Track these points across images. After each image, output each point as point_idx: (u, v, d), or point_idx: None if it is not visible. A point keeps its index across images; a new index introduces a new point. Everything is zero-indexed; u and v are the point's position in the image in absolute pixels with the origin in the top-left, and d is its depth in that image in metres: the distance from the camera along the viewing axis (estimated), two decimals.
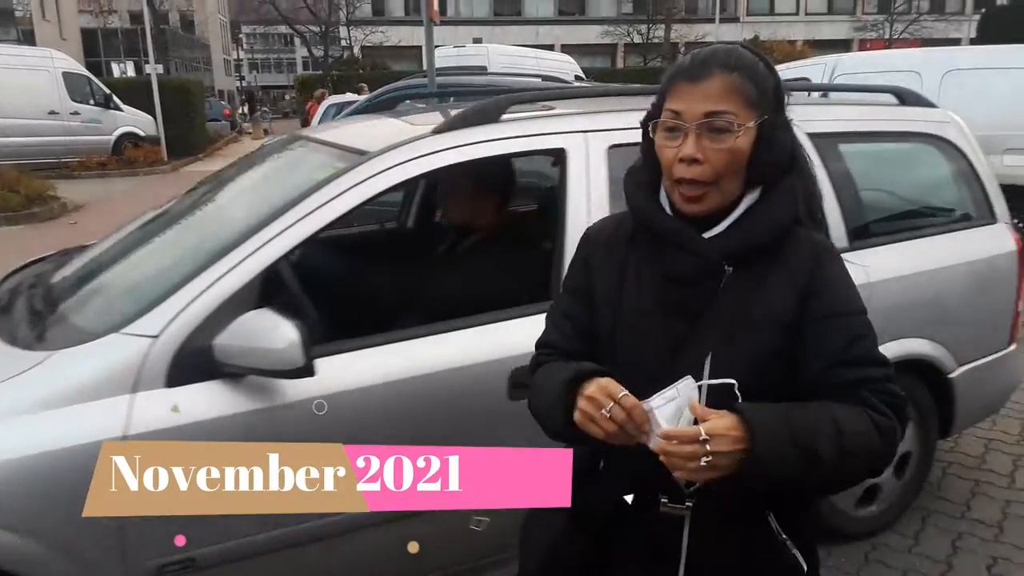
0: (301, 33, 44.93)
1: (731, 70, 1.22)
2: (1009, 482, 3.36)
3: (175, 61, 45.68)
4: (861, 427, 1.16)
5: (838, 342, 1.21)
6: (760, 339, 1.22)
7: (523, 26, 39.88)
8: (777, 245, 1.25)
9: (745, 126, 1.21)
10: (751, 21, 41.40)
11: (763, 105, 1.23)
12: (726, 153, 1.21)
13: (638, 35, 39.03)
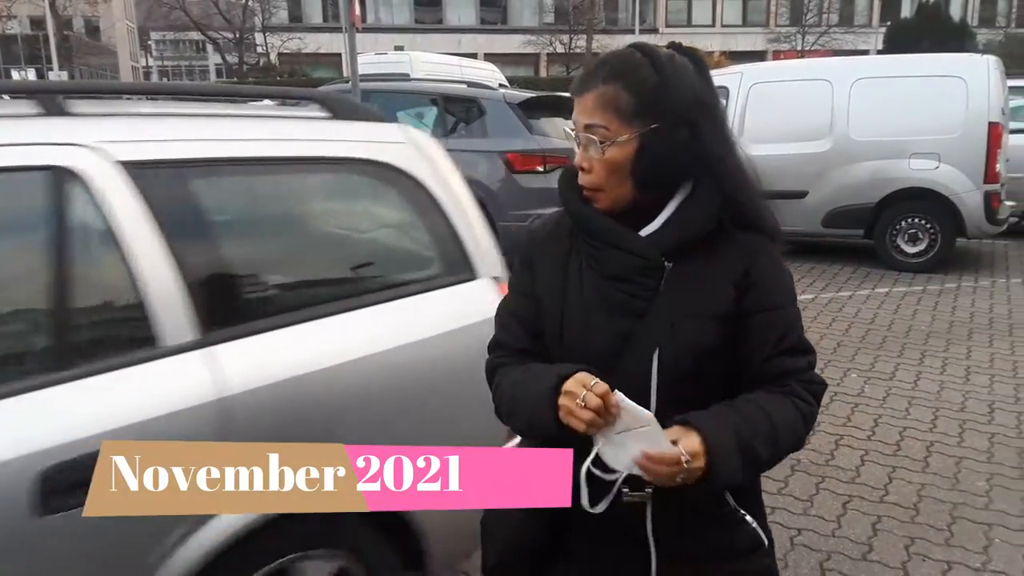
0: (214, 40, 43.68)
1: (609, 81, 1.22)
2: (923, 466, 3.48)
3: (80, 68, 43.78)
4: (790, 419, 1.23)
5: (771, 335, 1.25)
6: (703, 331, 1.24)
7: (445, 34, 39.78)
8: (710, 239, 1.26)
9: (616, 140, 1.21)
10: (669, 32, 42.34)
11: (645, 114, 1.21)
12: (602, 163, 1.23)
13: (560, 45, 39.48)
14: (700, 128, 1.22)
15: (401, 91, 8.05)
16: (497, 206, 6.84)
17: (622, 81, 1.21)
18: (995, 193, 7.33)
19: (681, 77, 1.23)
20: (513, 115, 6.98)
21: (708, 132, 1.23)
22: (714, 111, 1.26)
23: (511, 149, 6.82)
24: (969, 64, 7.44)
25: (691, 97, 1.22)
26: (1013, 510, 3.15)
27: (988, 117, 7.16)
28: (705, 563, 1.30)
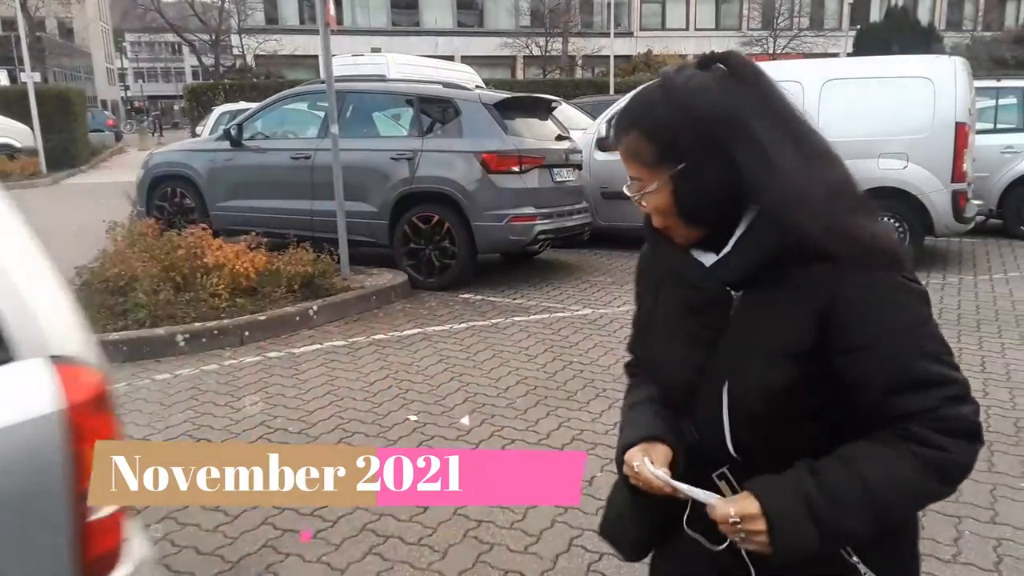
0: (190, 41, 43.28)
1: (630, 130, 1.18)
2: None
3: (53, 70, 43.17)
4: (901, 474, 1.08)
5: (873, 376, 1.10)
6: (771, 370, 1.13)
7: (422, 37, 39.71)
8: (773, 268, 1.14)
9: (647, 189, 1.18)
10: (644, 36, 42.65)
11: (669, 156, 1.15)
12: (654, 208, 1.20)
13: (536, 47, 39.57)
14: (734, 152, 1.11)
15: (377, 92, 8.03)
16: (473, 206, 6.85)
17: (639, 128, 1.17)
18: (962, 192, 7.46)
19: (696, 104, 1.13)
20: (489, 116, 7.00)
21: (744, 154, 1.11)
22: (748, 129, 1.11)
23: (487, 149, 6.84)
24: (936, 65, 7.56)
25: (712, 122, 1.12)
26: (982, 503, 3.20)
27: (955, 117, 7.29)
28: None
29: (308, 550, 2.87)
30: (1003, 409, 4.18)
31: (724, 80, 1.15)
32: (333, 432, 3.95)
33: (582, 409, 4.24)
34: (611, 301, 6.66)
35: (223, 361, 5.11)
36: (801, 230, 1.09)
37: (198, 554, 2.86)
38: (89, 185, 17.77)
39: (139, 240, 6.37)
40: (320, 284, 6.35)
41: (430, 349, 5.33)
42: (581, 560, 2.81)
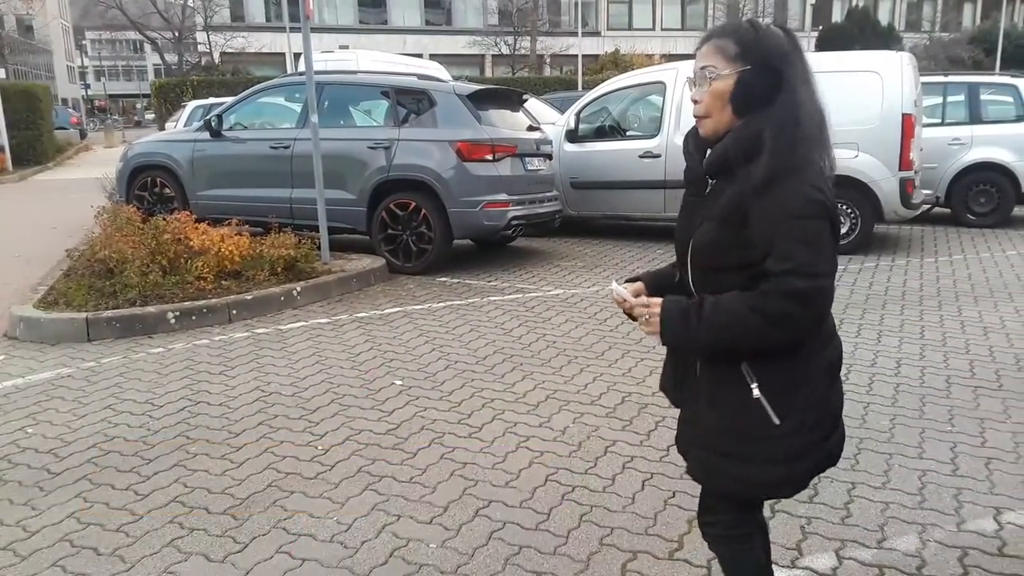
0: (152, 39, 42.86)
1: (721, 36, 1.69)
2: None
3: (14, 68, 42.47)
4: (742, 317, 1.59)
5: (761, 243, 1.59)
6: (708, 231, 1.70)
7: (390, 35, 39.81)
8: (738, 162, 1.63)
9: (721, 74, 1.66)
10: (611, 35, 43.21)
11: (743, 58, 1.65)
12: (710, 93, 1.68)
13: (505, 46, 39.89)
14: (784, 74, 1.64)
15: (354, 83, 8.29)
16: (449, 193, 7.15)
17: (731, 36, 1.68)
18: (909, 179, 7.93)
19: (773, 39, 1.66)
20: (463, 106, 7.30)
21: (791, 78, 1.64)
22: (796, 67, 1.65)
23: (461, 138, 7.14)
24: (884, 60, 8.03)
25: (778, 53, 1.65)
26: (911, 442, 3.59)
27: (902, 109, 7.75)
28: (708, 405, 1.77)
29: (310, 487, 3.16)
30: (937, 368, 4.59)
31: (788, 36, 1.70)
32: (325, 395, 4.24)
33: (555, 373, 4.57)
34: (581, 283, 7.00)
35: (213, 337, 5.36)
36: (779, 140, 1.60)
37: (209, 493, 3.13)
38: (58, 181, 17.72)
39: (126, 224, 6.56)
40: (302, 268, 6.61)
41: (411, 325, 5.63)
42: (557, 492, 3.13)
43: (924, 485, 3.17)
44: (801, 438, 1.71)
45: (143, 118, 55.11)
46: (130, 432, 3.76)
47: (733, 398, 1.71)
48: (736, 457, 1.74)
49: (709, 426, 1.77)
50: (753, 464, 1.72)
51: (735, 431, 1.73)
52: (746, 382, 1.69)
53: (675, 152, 8.49)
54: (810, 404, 1.71)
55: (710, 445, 1.78)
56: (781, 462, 1.72)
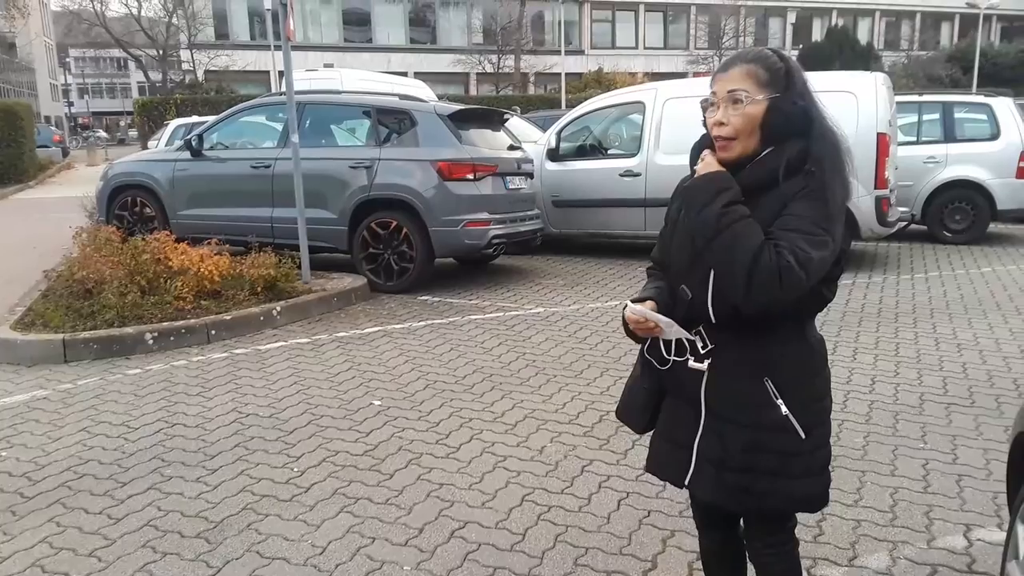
0: (136, 57, 42.77)
1: (750, 62, 1.76)
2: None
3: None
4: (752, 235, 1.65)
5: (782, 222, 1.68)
6: None
7: (375, 53, 39.94)
8: (770, 184, 1.71)
9: (754, 99, 1.73)
10: (595, 54, 43.57)
11: (772, 85, 1.73)
12: (741, 117, 1.73)
13: (489, 64, 40.12)
14: (808, 104, 1.74)
15: (335, 103, 8.32)
16: (430, 212, 7.18)
17: (759, 63, 1.75)
18: (885, 198, 8.04)
19: (798, 69, 1.77)
20: (444, 126, 7.35)
21: (814, 108, 1.75)
22: (814, 97, 1.77)
23: (442, 158, 7.18)
24: (859, 80, 8.16)
25: (802, 83, 1.76)
26: (884, 460, 3.63)
27: (876, 128, 7.88)
28: (738, 426, 1.78)
29: (285, 509, 3.16)
30: (911, 385, 4.64)
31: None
32: (303, 416, 4.23)
33: (534, 392, 4.59)
34: (562, 301, 7.03)
35: (191, 357, 5.34)
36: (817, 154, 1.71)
37: (183, 516, 3.12)
38: (39, 200, 17.60)
39: (105, 245, 6.53)
40: (282, 287, 6.60)
41: (391, 344, 5.63)
42: (533, 512, 3.14)
43: (896, 503, 3.21)
44: (826, 449, 1.84)
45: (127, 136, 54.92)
46: (105, 455, 3.74)
47: (765, 415, 1.76)
48: (775, 475, 1.78)
49: (741, 446, 1.78)
50: (794, 480, 1.78)
51: (770, 449, 1.77)
52: (772, 399, 1.75)
53: (655, 171, 8.58)
54: (826, 416, 1.84)
55: (746, 466, 1.78)
56: (817, 474, 1.82)
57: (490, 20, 41.30)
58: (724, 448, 1.80)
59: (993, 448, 3.72)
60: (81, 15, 42.32)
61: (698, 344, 1.82)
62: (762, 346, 1.77)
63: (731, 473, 1.80)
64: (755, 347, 1.78)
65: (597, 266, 8.71)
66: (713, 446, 1.82)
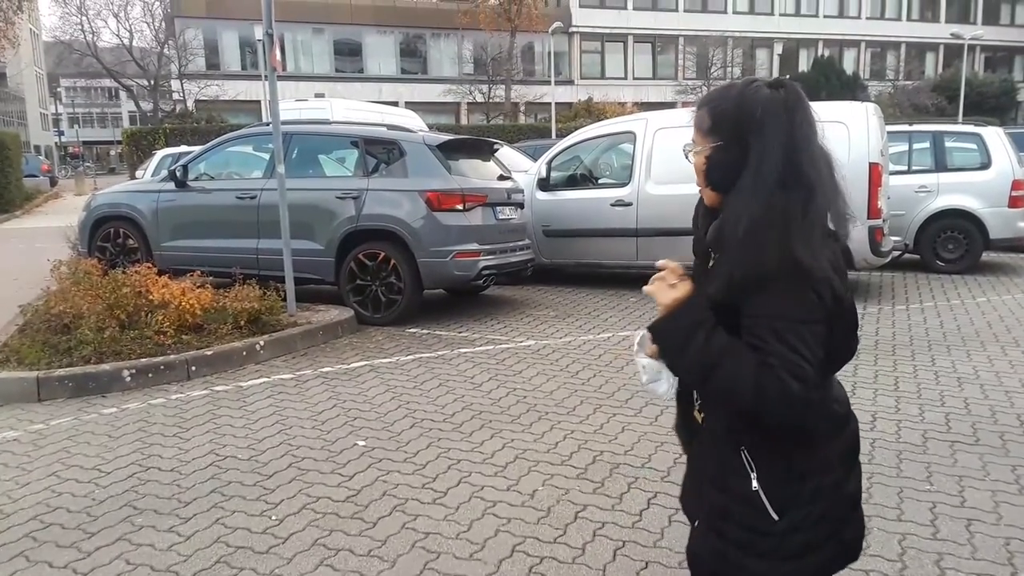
0: (127, 87, 42.83)
1: (703, 106, 1.60)
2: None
3: None
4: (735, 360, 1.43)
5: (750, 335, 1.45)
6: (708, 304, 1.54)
7: (366, 83, 40.13)
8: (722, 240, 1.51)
9: (695, 150, 1.61)
10: (584, 84, 43.92)
11: (717, 132, 1.55)
12: (695, 168, 1.62)
13: (480, 94, 40.34)
14: (750, 147, 1.48)
15: (322, 133, 8.23)
16: (419, 242, 7.06)
17: (708, 107, 1.57)
18: (878, 228, 7.97)
19: (749, 104, 1.50)
20: (432, 156, 7.25)
21: (755, 152, 1.48)
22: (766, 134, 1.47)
23: (431, 188, 7.07)
24: (850, 111, 8.12)
25: (750, 121, 1.49)
26: (890, 503, 3.48)
27: (868, 158, 7.83)
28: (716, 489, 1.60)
29: (262, 563, 2.98)
30: (913, 423, 4.51)
31: (774, 97, 1.51)
32: (283, 458, 4.05)
33: (525, 431, 4.43)
34: (553, 333, 6.89)
35: (170, 395, 5.16)
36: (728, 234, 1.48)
37: (153, 571, 2.93)
38: (24, 230, 17.40)
39: (84, 279, 6.37)
40: (267, 320, 6.44)
41: (377, 380, 5.47)
42: (524, 564, 2.97)
43: (904, 551, 3.05)
44: (805, 534, 1.53)
45: (117, 165, 54.79)
46: (74, 502, 3.55)
47: (737, 485, 1.56)
48: (745, 548, 1.56)
49: (716, 508, 1.62)
50: (761, 559, 1.55)
51: (741, 522, 1.56)
52: (746, 470, 1.54)
53: (646, 200, 8.50)
54: (817, 497, 1.54)
55: (719, 529, 1.61)
56: (788, 558, 1.55)
57: (480, 51, 41.63)
58: (706, 506, 1.65)
59: (1001, 490, 3.59)
60: (72, 45, 42.49)
61: (695, 394, 1.69)
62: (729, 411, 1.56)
63: (713, 535, 1.62)
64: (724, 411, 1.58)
65: (589, 297, 8.58)
66: (697, 500, 1.71)
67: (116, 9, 41.87)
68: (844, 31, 48.16)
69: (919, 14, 50.24)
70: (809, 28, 47.76)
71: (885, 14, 49.62)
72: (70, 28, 41.55)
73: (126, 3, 43.07)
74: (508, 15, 37.23)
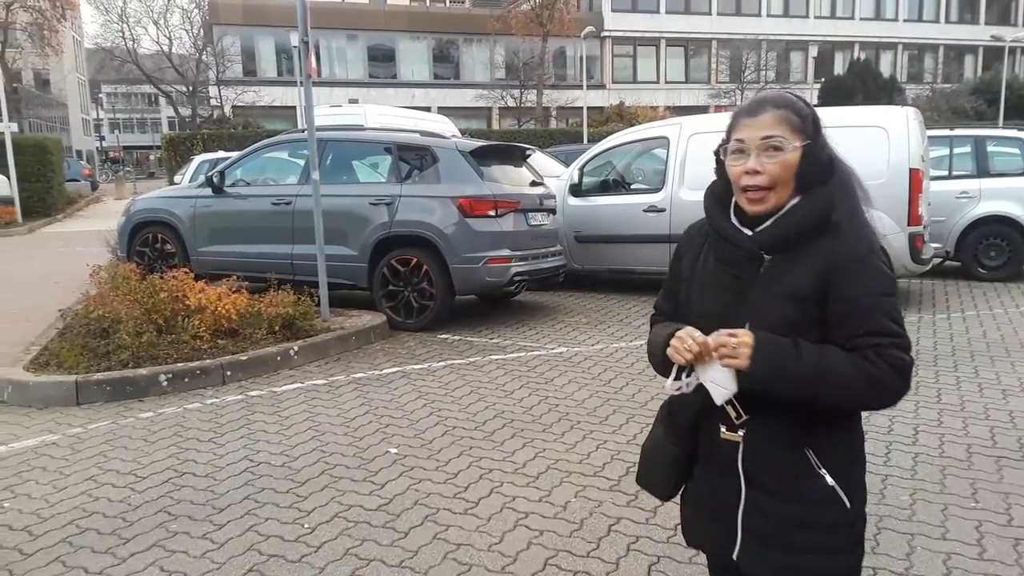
0: (167, 93, 43.60)
1: (781, 107, 1.64)
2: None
3: (30, 120, 43.22)
4: (847, 370, 1.53)
5: (853, 320, 1.56)
6: (783, 310, 1.59)
7: (399, 88, 40.40)
8: (807, 237, 1.59)
9: (792, 144, 1.61)
10: (616, 88, 43.72)
11: (804, 132, 1.62)
12: (779, 164, 1.61)
13: (512, 99, 40.37)
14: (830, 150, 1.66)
15: (356, 140, 8.27)
16: (451, 249, 7.06)
17: (790, 108, 1.64)
18: (919, 235, 7.80)
19: (818, 115, 1.67)
20: (465, 162, 7.25)
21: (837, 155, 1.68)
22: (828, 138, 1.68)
23: (463, 194, 7.07)
24: (890, 115, 7.96)
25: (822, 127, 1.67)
26: (934, 521, 3.38)
27: (909, 164, 7.66)
28: (782, 501, 1.62)
29: (294, 572, 2.97)
30: (956, 436, 4.39)
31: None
32: (316, 465, 4.06)
33: (557, 440, 4.39)
34: (585, 340, 6.84)
35: (205, 400, 5.21)
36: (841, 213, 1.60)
37: None
38: (65, 233, 17.77)
39: (122, 283, 6.46)
40: (301, 326, 6.48)
41: (409, 387, 5.46)
42: None
43: (950, 571, 2.96)
44: (864, 517, 1.69)
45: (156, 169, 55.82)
46: (110, 507, 3.59)
47: (810, 487, 1.62)
48: (821, 551, 1.63)
49: (782, 521, 1.63)
50: (839, 554, 1.64)
51: (817, 524, 1.62)
52: (816, 470, 1.61)
53: (680, 206, 8.41)
54: (863, 475, 1.70)
55: (785, 544, 1.63)
56: (859, 543, 1.68)
57: (512, 56, 41.67)
58: (767, 523, 1.64)
59: None
60: (114, 52, 43.29)
61: (731, 412, 1.64)
62: (802, 413, 1.60)
63: (777, 551, 1.63)
64: (794, 415, 1.60)
65: (621, 303, 8.52)
66: (756, 521, 1.66)
67: (156, 16, 42.59)
68: (881, 33, 47.36)
69: (958, 16, 49.23)
70: (845, 31, 47.03)
71: (923, 16, 48.69)
72: (111, 35, 42.30)
73: (165, 11, 43.91)
74: (540, 20, 37.19)
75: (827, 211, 1.60)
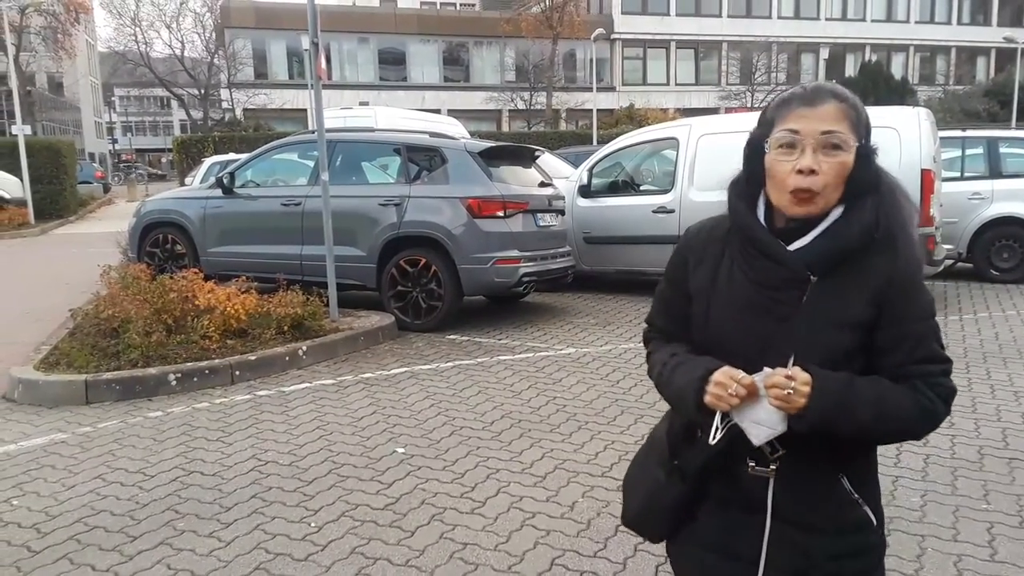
0: (179, 96, 43.87)
1: (841, 100, 1.43)
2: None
3: (43, 123, 43.56)
4: (901, 401, 1.40)
5: (906, 346, 1.42)
6: (835, 340, 1.42)
7: (409, 91, 40.50)
8: (857, 254, 1.42)
9: (851, 143, 1.41)
10: (626, 90, 43.71)
11: (860, 131, 1.42)
12: (837, 166, 1.40)
13: (521, 101, 40.40)
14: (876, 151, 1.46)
15: (365, 141, 8.29)
16: (459, 249, 7.06)
17: (849, 102, 1.43)
18: (931, 236, 7.74)
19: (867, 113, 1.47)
20: (474, 163, 7.25)
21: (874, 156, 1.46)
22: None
23: (472, 195, 7.07)
24: (901, 116, 7.92)
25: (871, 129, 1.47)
26: (945, 523, 3.35)
27: (920, 164, 7.61)
28: (815, 534, 1.47)
29: (301, 570, 2.97)
30: (968, 438, 4.35)
31: None
32: (323, 464, 4.06)
33: (565, 441, 4.38)
34: (594, 341, 6.82)
35: (214, 399, 5.22)
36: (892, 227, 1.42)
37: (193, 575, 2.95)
38: (77, 235, 17.90)
39: (132, 283, 6.49)
40: (309, 326, 6.49)
41: (417, 387, 5.46)
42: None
43: (960, 573, 2.93)
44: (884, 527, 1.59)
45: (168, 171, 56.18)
46: (118, 505, 3.60)
47: (851, 516, 1.50)
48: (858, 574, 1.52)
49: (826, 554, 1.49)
50: (873, 572, 1.55)
51: (855, 552, 1.50)
52: (850, 496, 1.49)
53: (689, 207, 8.39)
54: (880, 492, 1.59)
55: (832, 573, 1.50)
56: (882, 556, 1.58)
57: (522, 58, 41.71)
58: (807, 558, 1.49)
59: None
60: (126, 56, 43.60)
61: (765, 449, 1.45)
62: (839, 440, 1.46)
63: None
64: (829, 445, 1.45)
65: (630, 304, 8.50)
66: (789, 558, 1.50)
67: (168, 20, 42.91)
68: (892, 35, 47.14)
69: (970, 18, 48.96)
70: (856, 32, 46.84)
71: (935, 18, 48.44)
72: (124, 39, 42.63)
73: (178, 14, 44.26)
74: (550, 23, 37.23)
75: (882, 224, 1.42)
